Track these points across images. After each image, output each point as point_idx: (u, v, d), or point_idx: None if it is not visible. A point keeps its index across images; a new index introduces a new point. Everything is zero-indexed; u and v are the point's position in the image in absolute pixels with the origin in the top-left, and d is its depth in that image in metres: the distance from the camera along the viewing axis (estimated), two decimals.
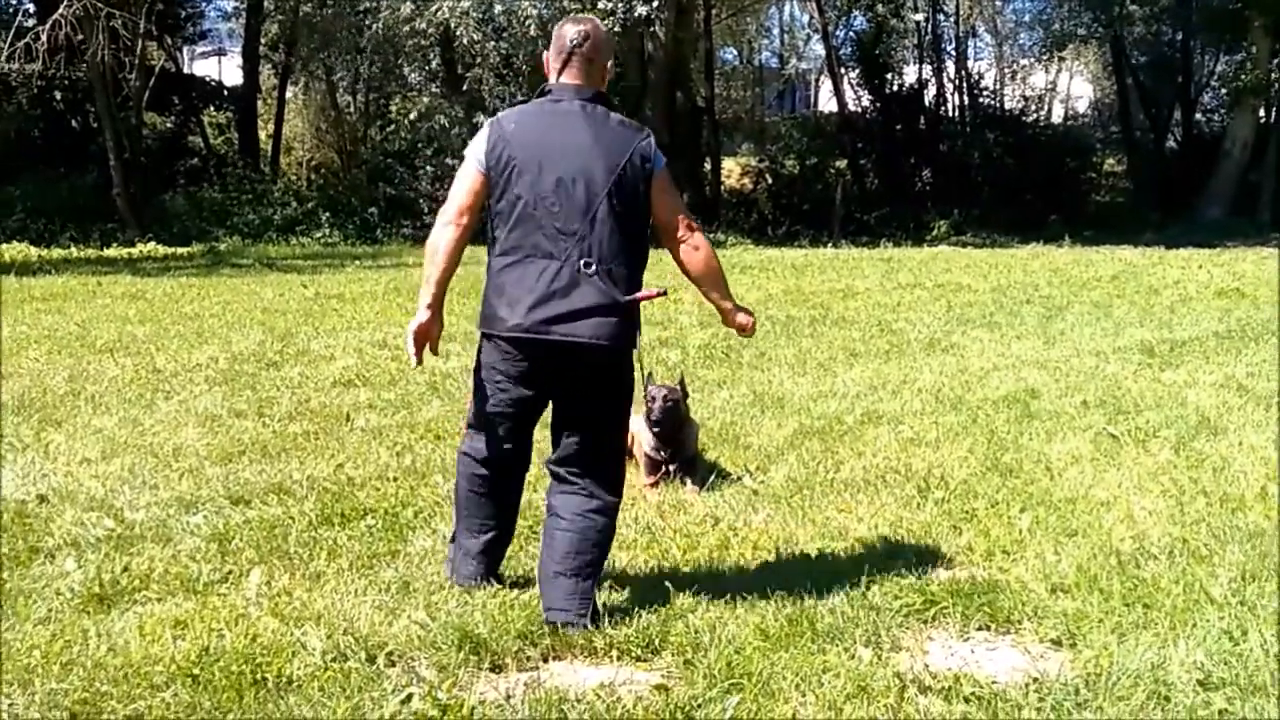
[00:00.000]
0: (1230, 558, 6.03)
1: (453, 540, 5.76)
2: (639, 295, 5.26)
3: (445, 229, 5.26)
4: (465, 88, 35.99)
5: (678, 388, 7.66)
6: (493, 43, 35.94)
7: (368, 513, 6.88)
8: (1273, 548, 6.18)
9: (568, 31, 5.36)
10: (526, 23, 34.35)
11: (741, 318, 5.73)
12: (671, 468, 7.52)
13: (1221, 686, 4.56)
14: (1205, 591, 5.53)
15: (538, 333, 5.08)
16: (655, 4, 35.15)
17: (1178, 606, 5.36)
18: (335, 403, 10.13)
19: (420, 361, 5.36)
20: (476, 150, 5.28)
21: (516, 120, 5.28)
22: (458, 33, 35.04)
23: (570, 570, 5.23)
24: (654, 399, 7.47)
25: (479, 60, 36.19)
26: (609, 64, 5.56)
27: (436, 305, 5.31)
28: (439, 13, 34.13)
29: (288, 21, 42.82)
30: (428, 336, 5.31)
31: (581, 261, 5.07)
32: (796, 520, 6.77)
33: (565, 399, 5.36)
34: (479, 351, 5.41)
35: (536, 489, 6.56)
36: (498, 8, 34.94)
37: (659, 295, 5.39)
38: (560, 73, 5.34)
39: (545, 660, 4.99)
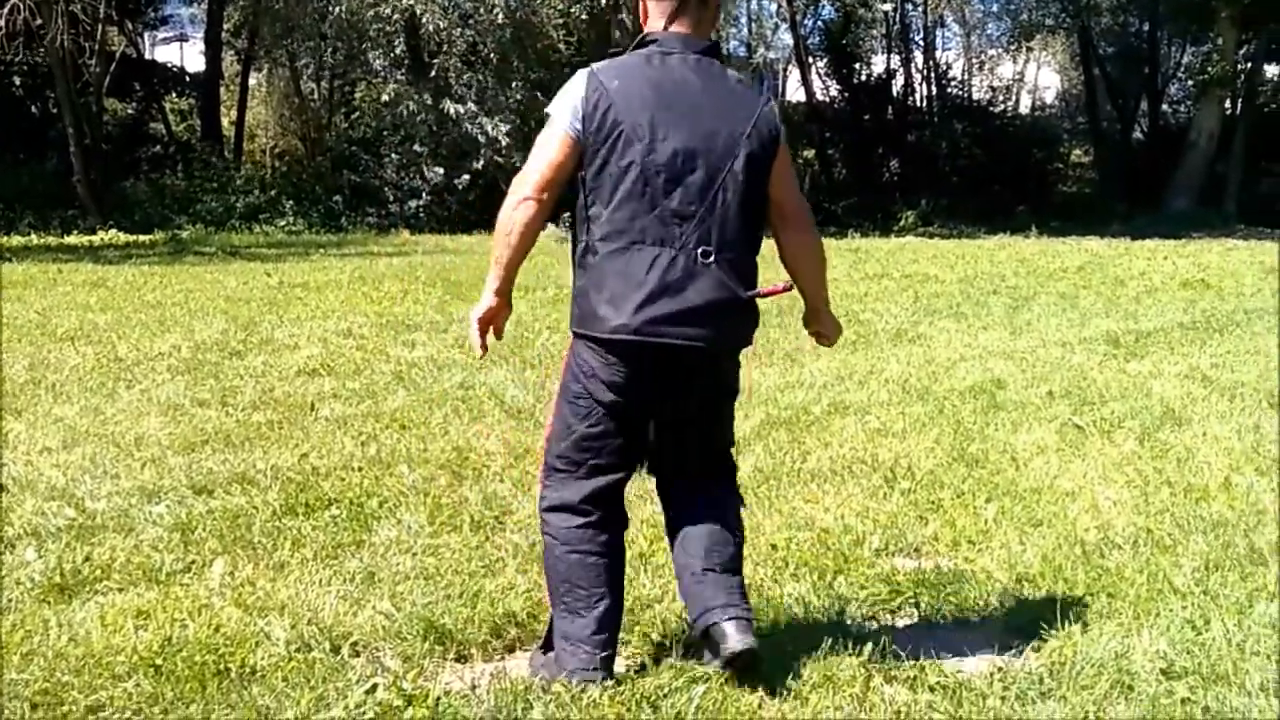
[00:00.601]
0: (1194, 547, 6.05)
1: (547, 639, 4.69)
2: (764, 290, 4.45)
3: (524, 205, 4.30)
4: (432, 74, 35.83)
5: None
6: (459, 29, 35.84)
7: (332, 503, 6.84)
8: (1236, 537, 6.21)
9: None
10: (494, 10, 34.32)
11: (829, 326, 4.96)
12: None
13: (1184, 675, 4.57)
14: (1169, 581, 5.55)
15: (646, 335, 4.20)
16: None
17: (1141, 596, 5.38)
18: (299, 392, 10.08)
19: (485, 350, 4.60)
20: (568, 109, 4.28)
21: (621, 75, 4.30)
22: (423, 19, 34.94)
23: (720, 565, 4.54)
24: None
25: (445, 47, 36.08)
26: (719, 11, 4.74)
27: (506, 292, 4.52)
28: None
29: (250, 7, 42.59)
30: (494, 323, 4.56)
31: (699, 250, 4.22)
32: (763, 510, 6.76)
33: (674, 407, 4.51)
34: (570, 361, 4.48)
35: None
36: None
37: (785, 290, 4.57)
38: (670, 20, 4.40)
39: (511, 651, 4.98)
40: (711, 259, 4.24)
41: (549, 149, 4.29)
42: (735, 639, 4.35)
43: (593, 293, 4.27)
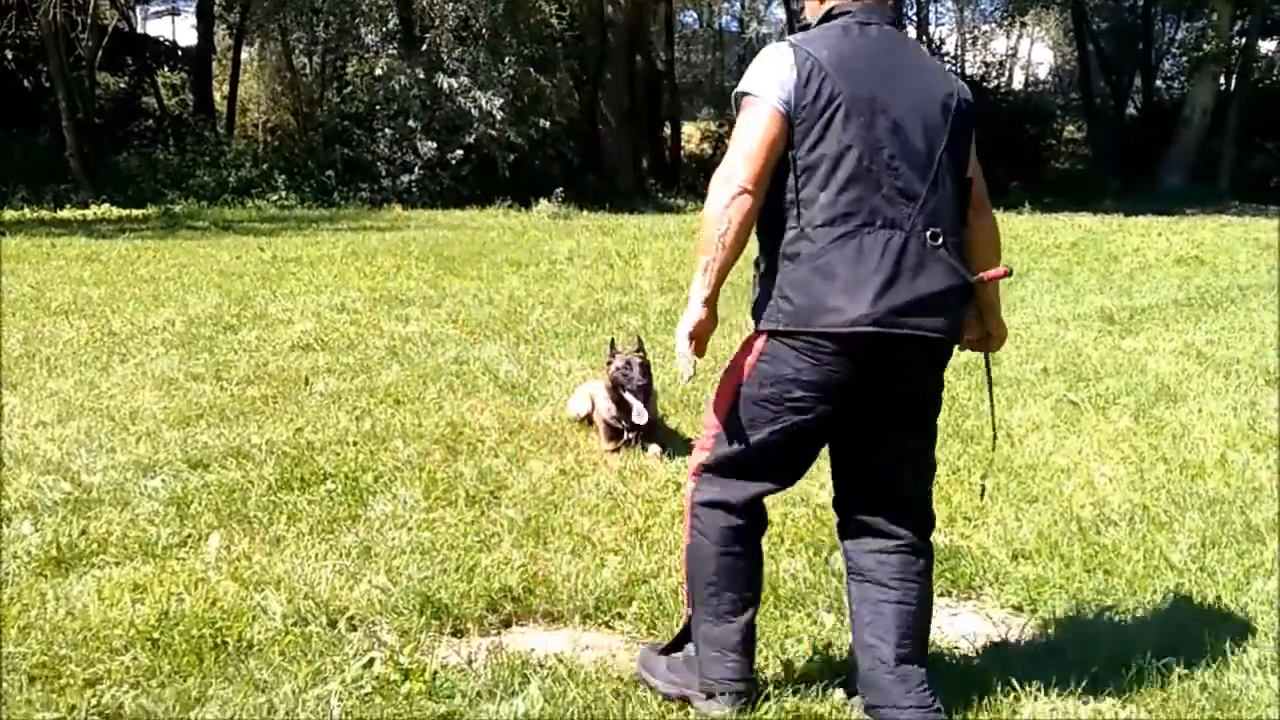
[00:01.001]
0: (1190, 524, 6.07)
1: (678, 640, 4.43)
2: (989, 274, 4.09)
3: (739, 200, 3.80)
4: (424, 49, 35.73)
5: (641, 350, 7.64)
6: (451, 3, 35.73)
7: (327, 477, 6.84)
8: (1232, 514, 6.23)
9: None
10: None
11: (1001, 328, 4.48)
12: (632, 434, 7.50)
13: (1182, 652, 4.59)
14: (1165, 558, 5.58)
15: (888, 326, 3.78)
16: None
17: (1138, 573, 5.40)
18: (293, 366, 10.06)
19: (694, 373, 4.03)
20: (773, 83, 3.86)
21: (829, 45, 3.90)
22: None
23: (916, 654, 4.10)
24: (629, 364, 7.44)
25: (437, 22, 35.97)
26: None
27: (715, 301, 3.97)
28: None
29: None
30: (701, 339, 4.02)
31: (928, 232, 3.84)
32: None
33: (879, 417, 4.09)
34: (755, 362, 4.03)
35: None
36: None
37: (1006, 275, 4.19)
38: None
39: (507, 625, 4.99)
40: (940, 241, 3.86)
41: (757, 129, 3.84)
42: None
43: (818, 283, 3.81)
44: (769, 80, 3.86)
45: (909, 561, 4.17)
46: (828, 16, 4.06)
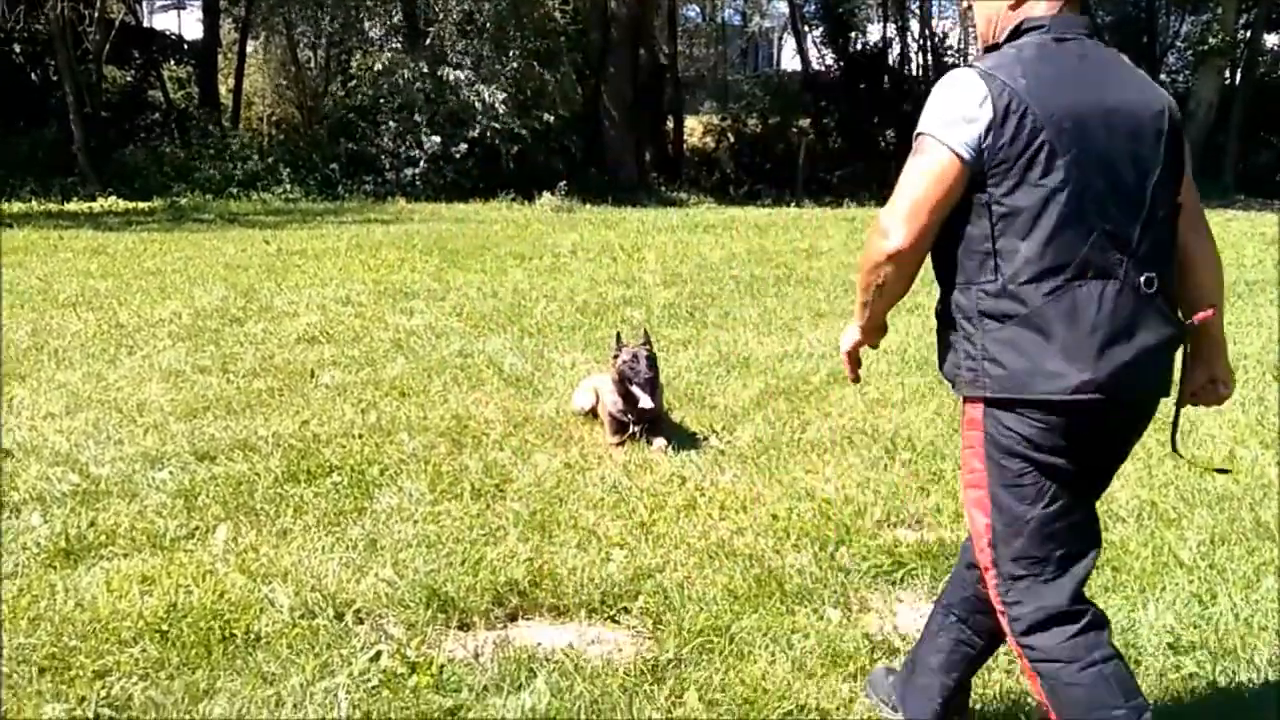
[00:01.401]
0: (1199, 521, 6.08)
1: None
2: (1199, 317, 3.56)
3: (894, 262, 3.46)
4: (428, 42, 35.69)
5: (648, 344, 7.64)
6: None
7: (333, 469, 6.86)
8: (1241, 511, 6.23)
9: None
10: None
11: (1228, 373, 3.80)
12: (637, 428, 7.50)
13: (1191, 650, 4.60)
14: (1174, 555, 5.58)
15: (1112, 392, 3.34)
16: None
17: (1147, 570, 5.41)
18: (299, 359, 10.08)
19: (858, 378, 4.06)
20: (960, 125, 3.36)
21: (1026, 71, 3.38)
22: None
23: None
24: (636, 357, 7.43)
25: (441, 15, 35.92)
26: None
27: (873, 326, 3.82)
28: None
29: None
30: (858, 355, 3.97)
31: (1142, 278, 3.35)
32: (763, 480, 6.77)
33: (1090, 482, 3.63)
34: (983, 439, 3.54)
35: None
36: None
37: (1210, 314, 3.60)
38: None
39: (513, 619, 5.01)
40: (1155, 288, 3.38)
41: (928, 182, 3.40)
42: None
43: (1032, 347, 3.36)
44: (953, 120, 3.37)
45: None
46: (1016, 33, 3.53)
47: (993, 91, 3.31)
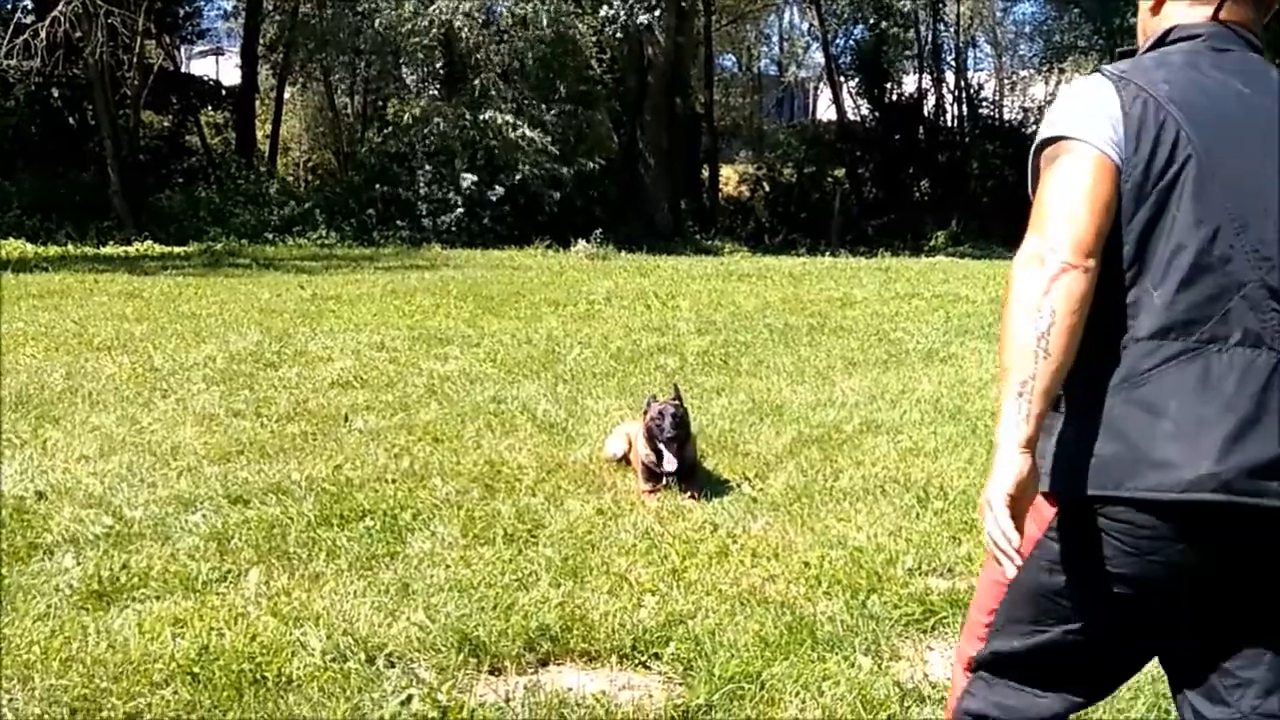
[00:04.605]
0: None
1: None
2: None
3: (1064, 279, 2.58)
4: (469, 89, 35.86)
5: (678, 400, 7.63)
6: (495, 44, 35.91)
7: (366, 514, 6.87)
8: None
9: None
10: (532, 26, 34.48)
11: None
12: (669, 477, 7.49)
13: None
14: None
15: (1241, 493, 2.54)
16: (657, 11, 35.25)
17: None
18: (333, 404, 10.11)
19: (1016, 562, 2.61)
20: (1100, 121, 2.67)
21: (1170, 78, 2.72)
22: (461, 33, 35.04)
23: None
24: (662, 415, 7.41)
25: (482, 62, 36.12)
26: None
27: (1036, 441, 2.62)
28: (440, 11, 34.16)
29: (286, 21, 42.79)
30: (1025, 500, 2.63)
31: None
32: (795, 528, 6.76)
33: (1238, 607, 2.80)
34: (1041, 536, 2.78)
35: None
36: (501, 8, 35.16)
37: None
38: (1220, 4, 2.82)
39: (544, 664, 5.00)
40: None
41: (1081, 181, 2.63)
42: None
43: (1138, 424, 2.61)
44: (1089, 118, 2.69)
45: None
46: (1161, 41, 2.89)
47: (1125, 97, 2.68)
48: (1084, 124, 2.67)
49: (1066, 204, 2.62)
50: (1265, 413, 2.54)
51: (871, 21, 46.15)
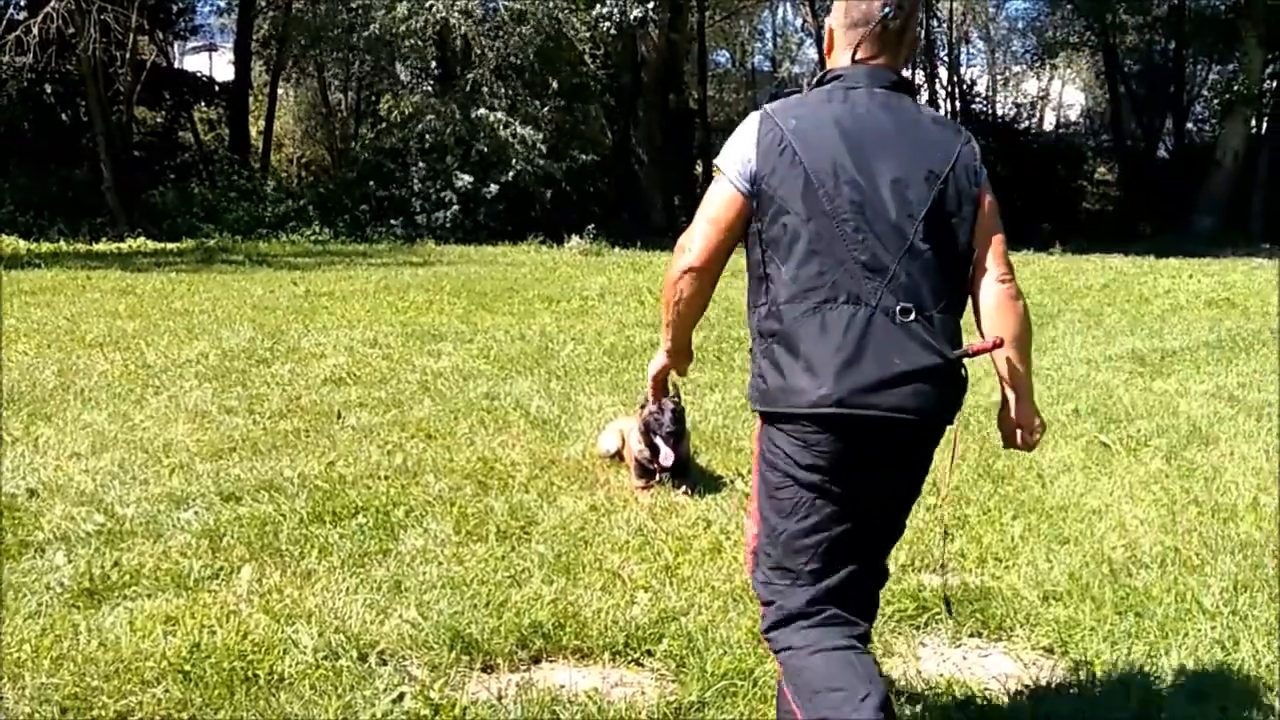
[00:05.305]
0: (1222, 567, 6.04)
1: None
2: (973, 348, 3.67)
3: (687, 279, 3.80)
4: (462, 85, 35.82)
5: (677, 396, 7.63)
6: (489, 40, 35.87)
7: (359, 511, 6.86)
8: (1265, 558, 6.20)
9: None
10: (527, 21, 34.44)
11: (1031, 418, 4.03)
12: (663, 473, 7.49)
13: (1212, 698, 4.57)
14: (1197, 601, 5.55)
15: (855, 406, 3.52)
16: (650, 6, 35.22)
17: (1169, 616, 5.37)
18: (326, 400, 10.10)
19: (659, 400, 4.22)
20: (736, 161, 3.72)
21: (799, 114, 3.71)
22: (455, 29, 34.98)
23: None
24: (661, 409, 7.41)
25: (477, 58, 36.09)
26: (916, 43, 4.12)
27: (678, 348, 4.08)
28: (435, 10, 34.10)
29: (279, 18, 42.75)
30: (663, 379, 4.28)
31: (898, 307, 3.56)
32: None
33: (871, 499, 3.74)
34: (760, 450, 3.80)
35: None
36: (499, 5, 35.08)
37: (995, 348, 3.73)
38: (855, 50, 3.78)
39: (537, 661, 4.99)
40: (912, 316, 3.56)
41: (713, 207, 3.73)
42: None
43: (783, 363, 3.62)
44: (731, 157, 3.73)
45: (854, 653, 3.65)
46: (822, 80, 3.87)
47: (762, 131, 3.69)
48: (727, 158, 3.75)
49: (704, 219, 3.75)
50: (864, 350, 3.53)
51: None
